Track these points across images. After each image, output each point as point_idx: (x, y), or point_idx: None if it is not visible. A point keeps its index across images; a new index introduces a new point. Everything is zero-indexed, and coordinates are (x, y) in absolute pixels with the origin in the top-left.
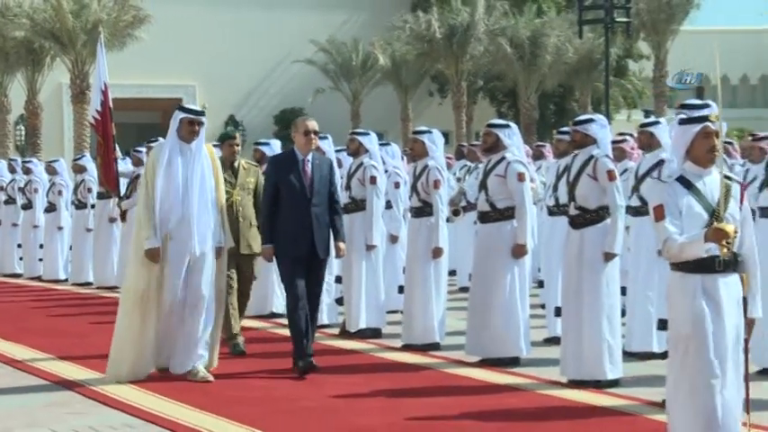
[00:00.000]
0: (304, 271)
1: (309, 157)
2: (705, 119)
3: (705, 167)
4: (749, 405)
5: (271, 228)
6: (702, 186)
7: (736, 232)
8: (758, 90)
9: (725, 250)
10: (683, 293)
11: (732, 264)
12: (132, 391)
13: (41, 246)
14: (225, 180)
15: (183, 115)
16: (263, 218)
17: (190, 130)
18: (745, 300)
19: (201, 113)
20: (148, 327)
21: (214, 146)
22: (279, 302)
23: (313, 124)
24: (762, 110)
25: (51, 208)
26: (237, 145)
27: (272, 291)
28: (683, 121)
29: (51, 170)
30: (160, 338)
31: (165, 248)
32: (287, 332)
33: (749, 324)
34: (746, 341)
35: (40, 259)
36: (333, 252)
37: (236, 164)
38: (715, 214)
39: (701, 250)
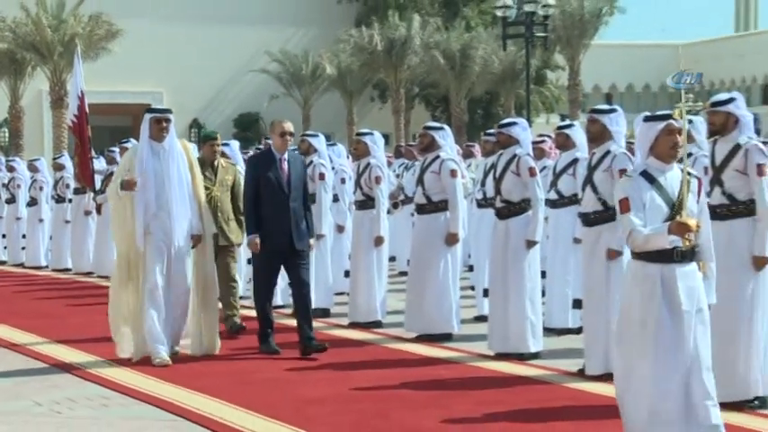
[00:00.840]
0: (279, 265)
1: (285, 155)
2: (669, 116)
3: (667, 163)
4: None
5: (255, 219)
6: (664, 181)
7: (698, 226)
8: (659, 97)
9: (687, 242)
10: (642, 281)
11: (690, 254)
12: (109, 367)
13: (24, 236)
14: (205, 177)
15: (150, 115)
16: (247, 211)
17: (158, 128)
18: None
19: (167, 111)
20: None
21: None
22: (242, 286)
23: (289, 126)
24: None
25: (33, 202)
26: (218, 145)
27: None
28: (647, 119)
29: (33, 168)
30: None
31: (144, 242)
32: (245, 312)
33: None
34: None
35: (23, 248)
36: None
37: (215, 162)
38: (675, 207)
39: (664, 242)
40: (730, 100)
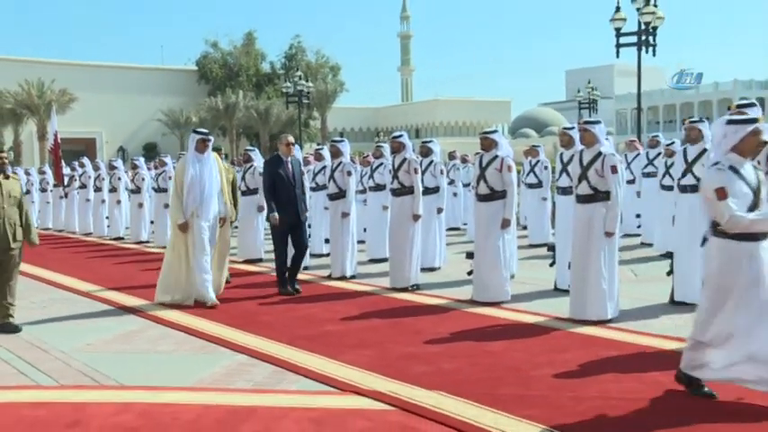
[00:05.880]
0: (288, 233)
1: (289, 158)
2: (756, 120)
3: (746, 158)
4: None
5: (274, 203)
6: (745, 172)
7: None
8: (366, 134)
9: None
10: (737, 255)
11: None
12: (74, 281)
13: None
14: None
15: (198, 136)
16: (268, 198)
17: (203, 144)
18: None
19: (209, 133)
20: (184, 271)
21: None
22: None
23: (291, 138)
24: (371, 143)
25: (26, 192)
26: (222, 154)
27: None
28: (732, 122)
29: (27, 173)
30: (192, 280)
31: (192, 222)
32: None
33: None
34: None
35: None
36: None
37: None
38: (756, 194)
39: None
40: (401, 135)
